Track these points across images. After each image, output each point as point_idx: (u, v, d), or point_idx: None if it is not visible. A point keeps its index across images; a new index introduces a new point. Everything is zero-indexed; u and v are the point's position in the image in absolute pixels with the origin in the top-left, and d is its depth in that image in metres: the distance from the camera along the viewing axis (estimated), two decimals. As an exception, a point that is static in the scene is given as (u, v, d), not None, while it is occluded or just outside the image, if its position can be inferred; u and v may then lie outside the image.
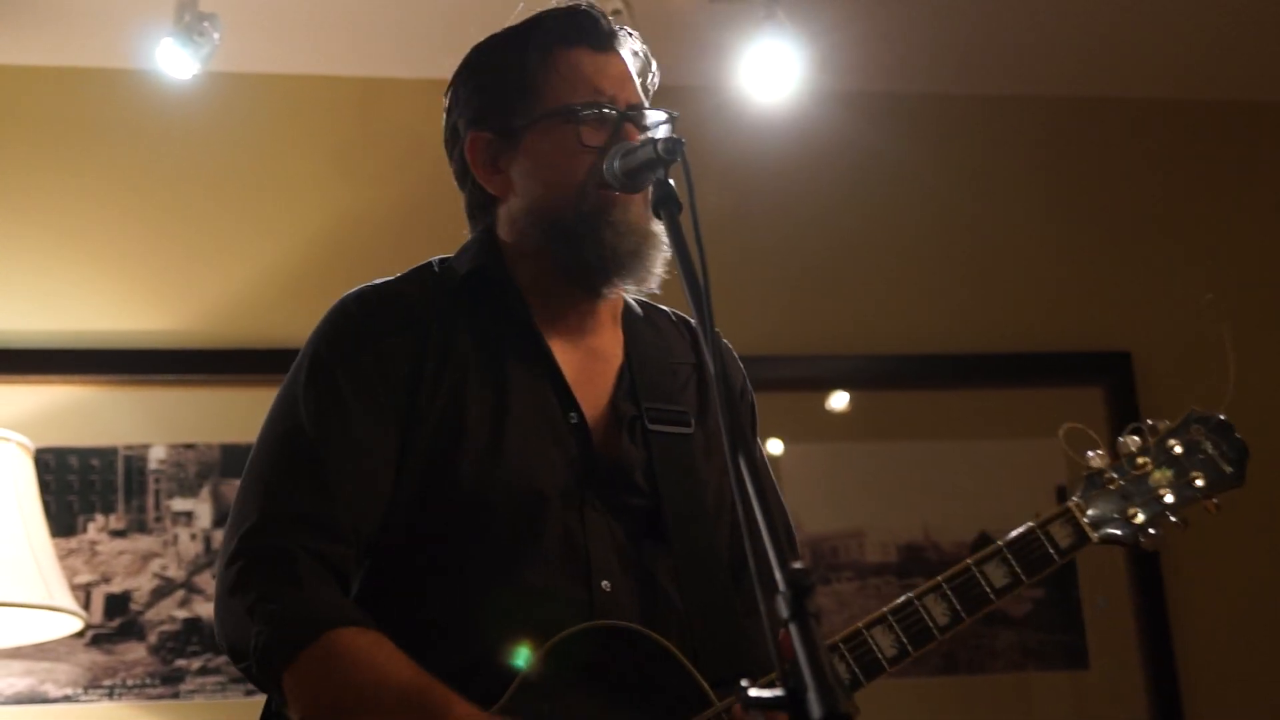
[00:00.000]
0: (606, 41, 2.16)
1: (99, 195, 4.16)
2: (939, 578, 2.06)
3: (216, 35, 3.74)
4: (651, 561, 2.05)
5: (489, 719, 1.82)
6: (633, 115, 2.11)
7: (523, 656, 1.89)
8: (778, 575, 1.40)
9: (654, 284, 2.12)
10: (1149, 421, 2.19)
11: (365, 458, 1.99)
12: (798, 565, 1.39)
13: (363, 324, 2.08)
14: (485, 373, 2.06)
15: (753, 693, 1.40)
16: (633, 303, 2.26)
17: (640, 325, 2.23)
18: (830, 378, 4.40)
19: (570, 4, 2.19)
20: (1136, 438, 2.17)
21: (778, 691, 1.35)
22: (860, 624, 2.01)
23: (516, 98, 2.14)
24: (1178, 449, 2.17)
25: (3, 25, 4.02)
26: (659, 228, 2.08)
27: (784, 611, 1.37)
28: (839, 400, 4.42)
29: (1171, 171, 4.76)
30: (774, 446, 4.27)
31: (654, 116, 2.14)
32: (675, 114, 2.15)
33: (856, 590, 4.19)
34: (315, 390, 2.04)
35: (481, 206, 2.21)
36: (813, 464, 4.29)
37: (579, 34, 2.15)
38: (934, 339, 4.47)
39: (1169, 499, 2.15)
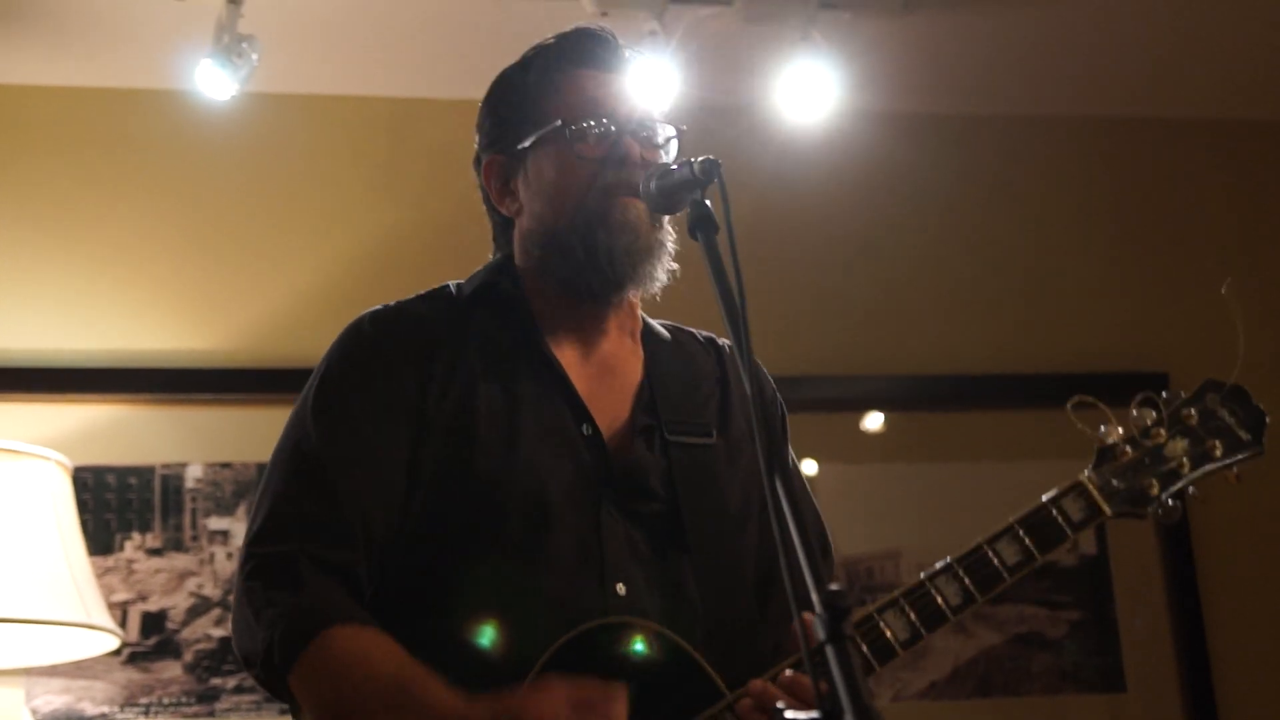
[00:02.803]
0: (612, 62, 2.19)
1: (136, 215, 4.19)
2: (950, 558, 2.03)
3: (255, 56, 3.77)
4: (670, 567, 2.06)
5: (470, 706, 1.83)
6: (631, 128, 2.12)
7: (535, 656, 1.90)
8: (814, 597, 1.40)
9: (654, 288, 2.14)
10: (1164, 393, 2.15)
11: (372, 467, 2.03)
12: (835, 587, 1.39)
13: (373, 340, 2.12)
14: (495, 386, 2.08)
15: (789, 715, 1.39)
16: (657, 326, 2.27)
17: (663, 344, 2.25)
18: (865, 398, 4.39)
19: (580, 27, 2.22)
20: (1150, 409, 2.13)
21: (814, 714, 1.35)
22: (871, 608, 1.99)
23: (523, 120, 2.18)
24: (1193, 419, 2.13)
25: (43, 47, 4.06)
26: (664, 235, 2.12)
27: (821, 633, 1.37)
28: (874, 421, 4.41)
29: (1210, 192, 4.74)
30: (809, 467, 4.25)
31: (658, 130, 2.16)
32: (682, 128, 2.17)
33: (892, 612, 4.17)
34: (323, 404, 2.08)
35: (502, 232, 2.26)
36: (848, 485, 4.28)
37: (583, 56, 2.18)
38: (969, 360, 4.45)
39: (1186, 469, 2.11)
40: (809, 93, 4.05)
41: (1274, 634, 4.32)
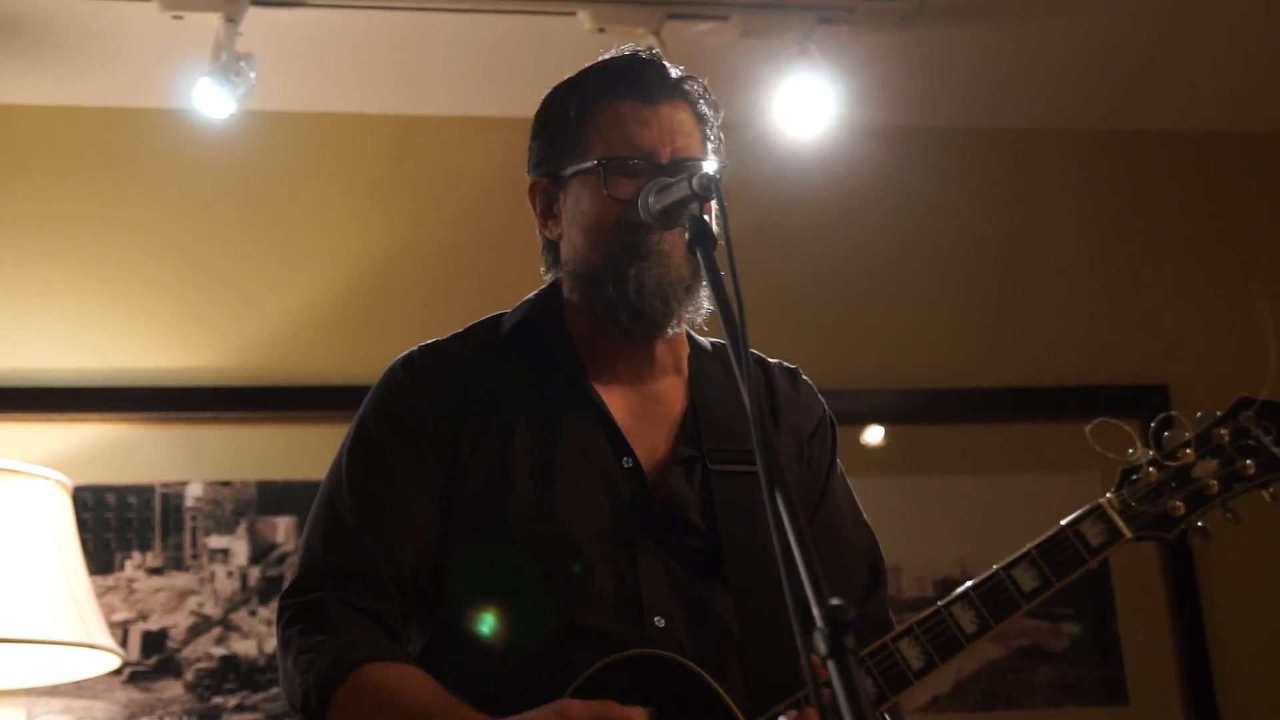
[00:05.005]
0: (656, 94, 2.15)
1: (136, 234, 4.19)
2: (966, 585, 2.01)
3: (253, 75, 3.77)
4: (710, 598, 2.06)
5: None
6: (668, 168, 2.08)
7: (563, 688, 1.90)
8: (815, 611, 1.39)
9: (695, 319, 2.13)
10: (1198, 413, 2.10)
11: (406, 523, 2.05)
12: (836, 601, 1.38)
13: (409, 388, 2.13)
14: (533, 423, 2.09)
15: None
16: (705, 344, 2.27)
17: (710, 365, 2.24)
18: (865, 412, 4.39)
19: (629, 53, 2.20)
20: (1178, 430, 2.07)
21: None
22: (886, 637, 1.98)
23: (565, 146, 2.16)
24: (1224, 438, 2.06)
25: (41, 66, 4.06)
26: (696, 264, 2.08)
27: (823, 648, 1.36)
28: (874, 435, 4.41)
29: (1206, 204, 4.74)
30: (809, 481, 4.25)
31: (696, 169, 2.09)
32: (725, 162, 2.15)
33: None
34: (359, 456, 2.11)
35: (550, 251, 2.24)
36: (848, 499, 4.26)
37: (626, 86, 2.15)
38: (969, 373, 4.45)
39: (1215, 489, 2.03)
40: (806, 107, 4.06)
41: (1277, 646, 4.31)
